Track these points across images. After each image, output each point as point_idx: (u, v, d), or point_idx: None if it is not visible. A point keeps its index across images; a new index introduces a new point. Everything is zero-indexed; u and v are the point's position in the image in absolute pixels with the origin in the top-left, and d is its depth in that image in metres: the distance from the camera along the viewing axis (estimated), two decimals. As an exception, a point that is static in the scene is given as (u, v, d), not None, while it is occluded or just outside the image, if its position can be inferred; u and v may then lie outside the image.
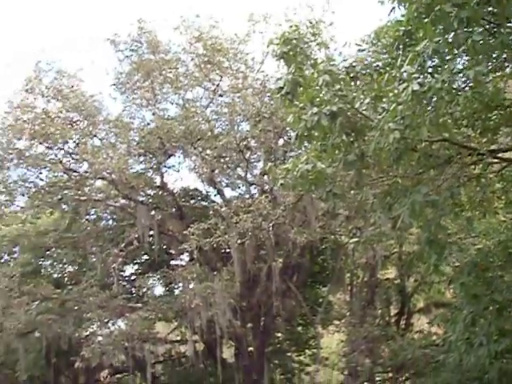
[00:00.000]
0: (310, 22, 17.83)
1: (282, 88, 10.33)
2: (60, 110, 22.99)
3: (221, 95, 23.76)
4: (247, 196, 23.75)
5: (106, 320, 24.86)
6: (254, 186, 24.59)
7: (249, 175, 24.21)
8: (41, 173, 23.98)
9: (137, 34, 22.91)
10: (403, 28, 10.65)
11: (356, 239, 19.64)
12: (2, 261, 28.13)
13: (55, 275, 28.06)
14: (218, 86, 23.30)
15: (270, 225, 20.34)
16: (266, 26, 21.68)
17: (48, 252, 27.03)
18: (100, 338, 23.90)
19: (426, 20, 8.91)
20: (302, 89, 10.15)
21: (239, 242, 20.91)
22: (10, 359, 29.92)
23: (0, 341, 24.60)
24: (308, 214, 21.00)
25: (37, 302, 24.04)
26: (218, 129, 23.85)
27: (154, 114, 23.65)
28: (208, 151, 22.51)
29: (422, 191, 9.48)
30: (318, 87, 9.81)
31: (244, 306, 23.73)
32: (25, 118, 22.43)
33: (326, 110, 9.50)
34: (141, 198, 24.62)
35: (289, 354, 29.59)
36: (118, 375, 33.35)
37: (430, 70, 9.36)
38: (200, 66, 22.93)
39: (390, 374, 26.00)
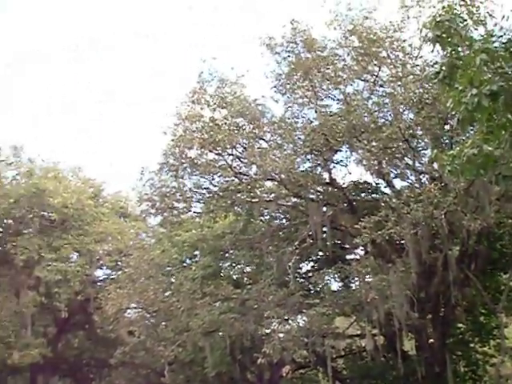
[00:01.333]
0: (464, 0, 17.13)
1: (438, 73, 10.07)
2: (226, 116, 23.83)
3: (381, 85, 23.51)
4: (417, 185, 23.30)
5: (285, 317, 25.44)
6: (423, 174, 24.03)
7: (417, 164, 23.70)
8: (213, 179, 25.02)
9: (291, 35, 23.26)
10: None
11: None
12: (185, 265, 29.66)
13: (234, 276, 29.13)
14: (377, 76, 23.09)
15: (442, 213, 19.76)
16: (419, 10, 21.12)
17: (226, 254, 28.10)
18: (280, 335, 24.44)
19: None
20: (459, 71, 9.82)
21: (412, 232, 20.55)
22: (198, 357, 31.55)
23: (187, 340, 25.87)
24: (481, 198, 20.14)
25: (219, 303, 25.03)
26: (382, 120, 23.51)
27: (316, 111, 23.84)
28: (373, 143, 22.25)
29: None
30: (475, 68, 9.45)
31: (421, 297, 23.25)
32: (193, 127, 23.54)
33: (485, 90, 9.12)
34: (311, 196, 24.88)
35: (472, 344, 28.53)
36: (301, 370, 34.00)
37: None
38: (357, 58, 22.82)
39: None
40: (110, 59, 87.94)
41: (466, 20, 11.17)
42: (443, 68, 9.97)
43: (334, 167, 25.03)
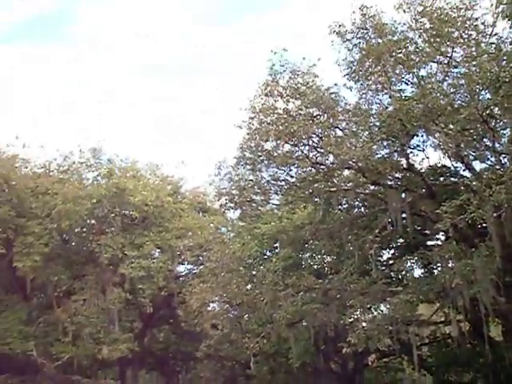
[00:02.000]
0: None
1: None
2: (299, 107, 23.78)
3: (455, 66, 22.97)
4: (497, 167, 22.71)
5: (368, 306, 25.32)
6: (503, 155, 23.39)
7: (496, 144, 23.05)
8: (290, 170, 25.05)
9: (361, 21, 23.02)
10: None
11: None
12: (265, 257, 29.89)
13: (315, 266, 29.14)
14: (450, 57, 22.59)
15: (526, 194, 19.23)
16: (492, -15, 20.60)
17: (306, 245, 28.12)
18: (364, 324, 24.36)
19: None
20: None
21: (495, 215, 20.06)
22: (282, 348, 31.83)
23: (271, 331, 26.09)
24: None
25: (301, 293, 25.06)
26: (458, 101, 23.00)
27: (390, 96, 23.52)
28: (451, 126, 21.85)
29: None
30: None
31: (507, 282, 22.65)
32: (268, 120, 23.61)
33: None
34: (389, 182, 24.63)
35: None
36: (385, 359, 33.81)
37: None
38: (429, 40, 22.38)
39: None
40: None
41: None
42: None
43: (412, 152, 24.60)
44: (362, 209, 27.99)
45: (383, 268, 27.63)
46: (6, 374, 36.96)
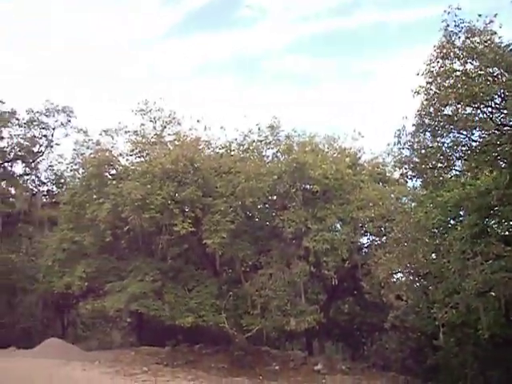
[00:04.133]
0: None
1: None
2: (478, 67, 22.78)
3: None
4: None
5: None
6: None
7: None
8: (473, 134, 24.17)
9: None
10: None
11: None
12: (449, 226, 29.04)
13: (503, 233, 27.85)
14: None
15: None
16: None
17: (492, 211, 26.93)
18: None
19: None
20: None
21: None
22: (470, 319, 30.85)
23: (460, 301, 25.36)
24: None
25: (490, 261, 24.11)
26: None
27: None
28: None
29: None
30: None
31: None
32: (446, 83, 22.87)
33: None
34: None
35: None
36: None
37: None
38: None
39: None
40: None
41: None
42: None
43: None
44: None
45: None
46: (201, 344, 39.27)
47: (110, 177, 37.98)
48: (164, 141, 38.62)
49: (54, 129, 47.26)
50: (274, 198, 38.67)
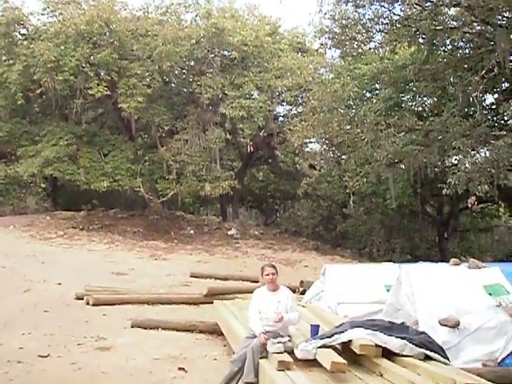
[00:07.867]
0: None
1: None
2: None
3: None
4: None
5: (469, 148, 24.86)
6: None
7: None
8: (394, 7, 24.07)
9: None
10: None
11: None
12: (365, 98, 29.60)
13: (416, 108, 28.65)
14: None
15: None
16: None
17: (408, 86, 27.50)
18: (465, 165, 24.03)
19: None
20: None
21: None
22: (379, 189, 32.25)
23: (371, 171, 26.24)
24: None
25: (402, 134, 24.85)
26: None
27: None
28: None
29: None
30: None
31: None
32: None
33: None
34: (499, 22, 23.33)
35: None
36: (482, 205, 33.81)
37: None
38: None
39: None
40: None
41: None
42: None
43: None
44: (468, 50, 26.81)
45: (486, 112, 26.87)
46: (117, 208, 39.54)
47: (20, 37, 36.05)
48: (78, 0, 36.76)
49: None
50: (192, 63, 38.06)
